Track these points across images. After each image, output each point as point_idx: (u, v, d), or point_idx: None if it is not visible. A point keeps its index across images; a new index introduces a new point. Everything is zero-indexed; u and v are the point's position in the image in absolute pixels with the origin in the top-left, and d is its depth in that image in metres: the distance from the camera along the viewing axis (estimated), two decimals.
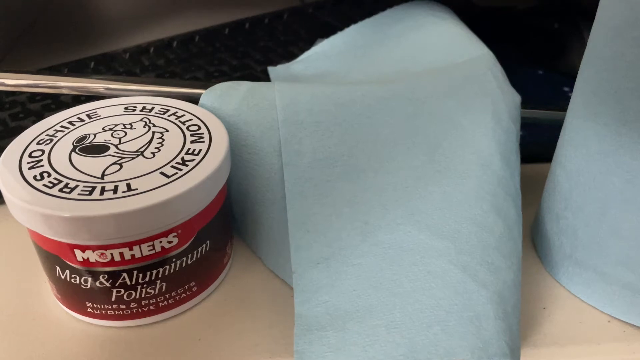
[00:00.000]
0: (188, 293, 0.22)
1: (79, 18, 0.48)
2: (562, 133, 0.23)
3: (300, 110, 0.24)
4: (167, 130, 0.22)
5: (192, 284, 0.22)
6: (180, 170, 0.20)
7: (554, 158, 0.24)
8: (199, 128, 0.22)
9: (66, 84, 0.26)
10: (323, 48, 0.34)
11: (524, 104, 0.29)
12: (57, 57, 0.40)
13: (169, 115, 0.23)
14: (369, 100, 0.25)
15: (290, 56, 0.38)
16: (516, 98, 0.26)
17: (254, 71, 0.36)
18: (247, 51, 0.39)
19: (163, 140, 0.22)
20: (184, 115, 0.23)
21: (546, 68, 0.41)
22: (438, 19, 0.32)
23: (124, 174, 0.20)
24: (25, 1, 0.46)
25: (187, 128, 0.22)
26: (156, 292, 0.21)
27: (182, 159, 0.21)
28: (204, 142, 0.22)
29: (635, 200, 0.20)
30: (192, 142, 0.22)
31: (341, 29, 0.37)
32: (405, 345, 0.18)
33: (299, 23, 0.43)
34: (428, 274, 0.20)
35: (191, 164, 0.20)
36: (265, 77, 0.35)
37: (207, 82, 0.26)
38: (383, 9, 0.36)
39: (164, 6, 0.48)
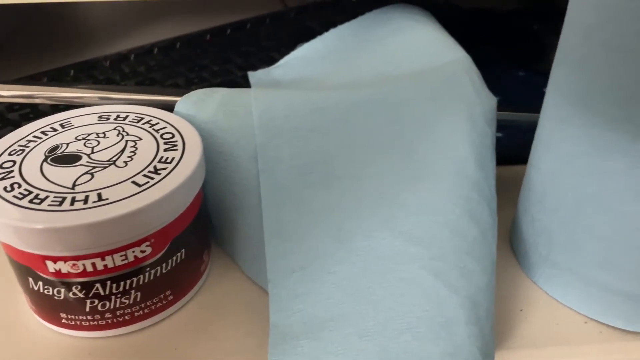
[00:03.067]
0: (164, 302, 0.22)
1: (59, 26, 0.47)
2: (535, 135, 0.23)
3: (277, 116, 0.24)
4: (141, 139, 0.22)
5: (168, 292, 0.22)
6: (152, 179, 0.20)
7: (529, 160, 0.24)
8: (173, 136, 0.22)
9: (40, 94, 0.26)
10: (303, 52, 0.34)
11: (504, 106, 0.29)
12: (37, 65, 0.40)
13: (143, 124, 0.23)
14: (346, 105, 0.25)
15: (271, 61, 0.38)
16: (492, 101, 0.26)
17: (235, 77, 0.36)
18: (228, 57, 0.39)
19: (136, 149, 0.22)
20: (158, 123, 0.23)
21: (526, 69, 0.41)
22: (416, 22, 0.32)
23: (95, 183, 0.20)
24: (5, 10, 0.46)
25: (161, 136, 0.22)
26: (131, 301, 0.21)
27: (155, 167, 0.20)
28: (177, 150, 0.21)
29: (608, 201, 0.20)
30: (165, 150, 0.21)
31: (323, 33, 0.37)
32: (377, 353, 0.18)
33: (281, 28, 0.43)
34: (401, 280, 0.20)
35: (163, 173, 0.20)
36: (246, 82, 0.35)
37: (183, 89, 0.25)
38: (366, 13, 0.36)
39: (146, 13, 0.48)
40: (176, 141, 0.22)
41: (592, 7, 0.18)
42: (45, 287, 0.20)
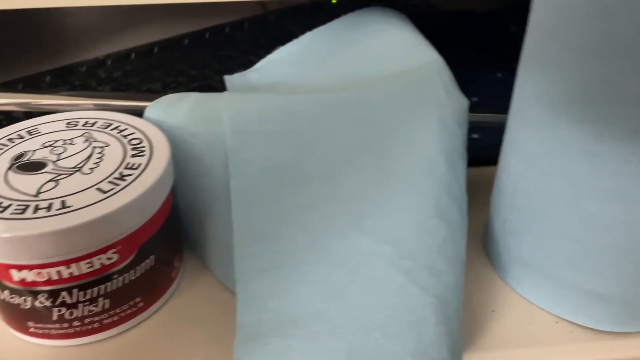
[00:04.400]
0: (134, 309, 0.22)
1: (35, 32, 0.47)
2: (504, 137, 0.23)
3: (248, 120, 0.24)
4: (108, 145, 0.22)
5: (138, 299, 0.22)
6: (118, 185, 0.20)
7: (498, 162, 0.24)
8: (141, 142, 0.22)
9: (10, 101, 0.25)
10: (279, 56, 0.34)
11: (481, 107, 0.29)
12: (13, 72, 0.40)
13: (111, 130, 0.23)
14: (319, 108, 0.25)
15: (249, 65, 0.38)
16: (463, 103, 0.26)
17: (212, 81, 0.36)
18: (206, 61, 0.39)
19: (103, 155, 0.21)
20: (126, 129, 0.23)
21: (504, 70, 0.41)
22: (391, 25, 0.32)
23: (59, 191, 0.20)
24: None
25: (129, 142, 0.22)
26: (99, 309, 0.21)
27: (120, 174, 0.20)
28: (144, 156, 0.21)
29: (574, 202, 0.20)
30: (132, 156, 0.21)
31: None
32: (346, 351, 0.18)
33: (260, 31, 0.43)
34: (371, 279, 0.20)
35: (129, 179, 0.20)
36: (223, 87, 0.35)
37: (155, 94, 0.25)
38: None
39: (125, 18, 0.48)
40: (144, 147, 0.22)
41: (554, 8, 0.19)
42: (12, 295, 0.20)
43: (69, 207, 0.19)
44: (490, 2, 0.46)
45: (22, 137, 0.23)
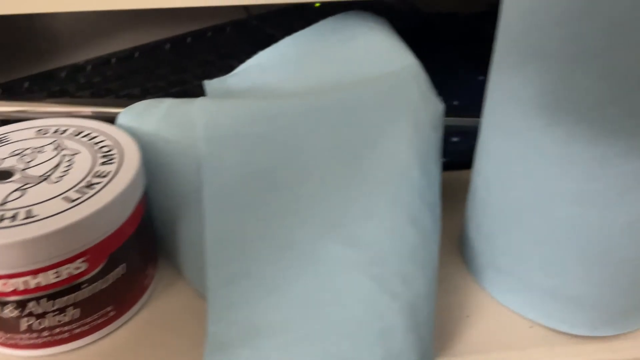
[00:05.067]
0: (105, 318, 0.22)
1: (14, 37, 0.47)
2: (477, 141, 0.23)
3: (222, 126, 0.24)
4: (78, 153, 0.22)
5: (109, 308, 0.22)
6: (85, 194, 0.20)
7: (473, 166, 0.24)
8: (111, 149, 0.22)
9: None
10: (258, 60, 0.34)
11: (462, 111, 0.29)
12: None
13: (81, 137, 0.23)
14: (293, 114, 0.25)
15: (231, 70, 0.37)
16: (439, 107, 0.26)
17: (192, 86, 0.36)
18: (187, 66, 0.38)
19: (72, 163, 0.21)
20: (97, 136, 0.23)
21: (486, 74, 0.41)
22: (369, 29, 0.32)
23: (26, 200, 0.19)
24: None
25: (99, 150, 0.22)
26: (69, 319, 0.21)
27: (88, 182, 0.20)
28: (113, 163, 0.21)
29: (545, 206, 0.20)
30: (101, 164, 0.21)
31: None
32: (317, 359, 0.18)
33: (242, 36, 0.43)
34: (341, 286, 0.20)
35: (97, 187, 0.20)
36: (203, 92, 0.35)
37: (128, 100, 0.25)
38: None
39: (107, 23, 0.47)
40: (114, 155, 0.22)
41: (521, 13, 0.19)
42: None
43: (35, 216, 0.19)
44: (473, 4, 0.46)
45: None
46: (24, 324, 0.20)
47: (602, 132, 0.17)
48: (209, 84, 0.34)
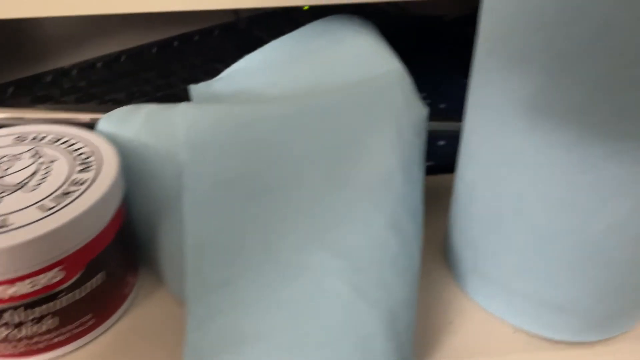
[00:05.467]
0: (84, 327, 0.21)
1: (1, 42, 0.46)
2: (459, 146, 0.23)
3: (204, 132, 0.23)
4: (55, 160, 0.22)
5: (88, 317, 0.21)
6: (62, 202, 0.19)
7: (455, 171, 0.24)
8: (90, 156, 0.22)
9: None
10: (244, 64, 0.34)
11: (447, 113, 0.29)
12: None
13: (60, 144, 0.23)
14: (276, 119, 0.25)
15: (217, 73, 0.37)
16: (423, 112, 0.26)
17: (177, 90, 0.35)
18: (174, 70, 0.38)
19: (49, 171, 0.21)
20: (76, 143, 0.23)
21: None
22: (355, 33, 0.32)
23: (1, 209, 0.19)
24: None
25: (77, 157, 0.22)
26: (47, 328, 0.20)
27: (65, 190, 0.20)
28: (91, 171, 0.21)
29: (524, 212, 0.20)
30: (79, 171, 0.21)
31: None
32: None
33: (231, 39, 0.43)
34: (321, 294, 0.20)
35: (74, 195, 0.20)
36: (189, 96, 0.35)
37: (110, 105, 0.25)
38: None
39: (94, 26, 0.47)
40: (92, 162, 0.22)
41: (498, 18, 0.18)
42: None
43: (10, 225, 0.18)
44: (461, 7, 0.46)
45: None
46: (1, 333, 0.20)
47: (582, 137, 0.17)
48: (195, 88, 0.34)
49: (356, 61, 0.29)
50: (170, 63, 0.39)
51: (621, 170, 0.17)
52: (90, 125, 0.25)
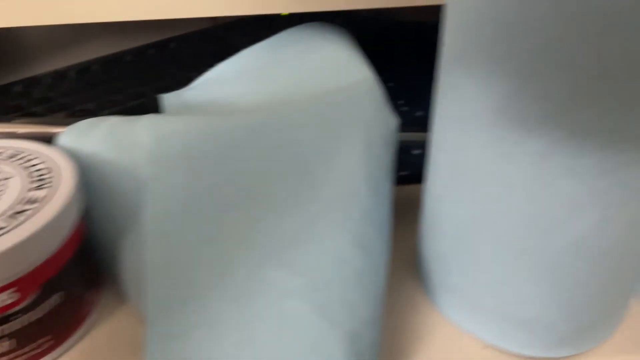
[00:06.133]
0: (43, 348, 0.21)
1: None
2: (426, 159, 0.23)
3: (168, 145, 0.23)
4: (10, 178, 0.21)
5: (47, 338, 0.21)
6: (13, 222, 0.19)
7: (423, 183, 0.24)
8: (47, 173, 0.21)
9: None
10: (216, 73, 0.33)
11: (424, 121, 0.29)
12: None
13: (17, 160, 0.22)
14: (242, 132, 0.24)
15: (190, 82, 0.37)
16: (392, 122, 0.25)
17: (150, 99, 0.35)
18: (148, 79, 0.38)
19: (5, 189, 0.20)
20: (34, 159, 0.22)
21: None
22: (327, 42, 0.32)
23: None
24: None
25: (33, 173, 0.21)
26: (4, 350, 0.20)
27: (18, 209, 0.19)
28: (47, 188, 0.20)
29: (491, 226, 0.19)
30: (34, 189, 0.20)
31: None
32: None
33: (207, 46, 0.42)
34: (282, 314, 0.19)
35: (26, 215, 0.19)
36: (160, 106, 0.34)
37: (73, 119, 0.24)
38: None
39: (65, 34, 0.46)
40: (49, 178, 0.21)
41: (459, 33, 0.18)
42: None
43: None
44: (443, 13, 0.46)
45: None
46: None
47: (541, 153, 0.17)
48: (166, 98, 0.33)
49: (328, 70, 0.29)
50: (145, 72, 0.39)
51: (582, 186, 0.17)
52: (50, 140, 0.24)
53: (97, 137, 0.23)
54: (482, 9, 0.17)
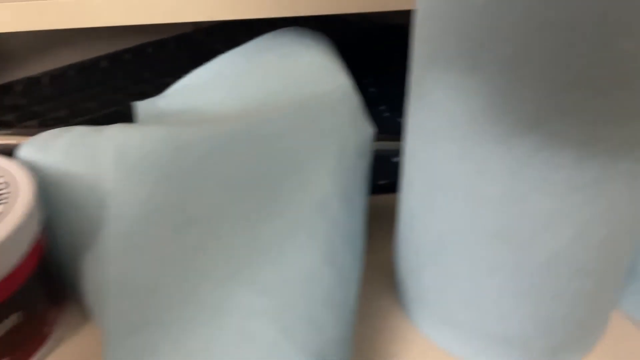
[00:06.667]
0: None
1: None
2: (400, 169, 0.22)
3: (132, 157, 0.22)
4: None
5: None
6: None
7: (397, 195, 0.23)
8: (4, 187, 0.20)
9: None
10: (191, 80, 0.33)
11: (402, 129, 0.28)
12: None
13: None
14: (210, 143, 0.23)
15: (167, 88, 0.36)
16: (368, 131, 0.25)
17: (124, 107, 0.34)
18: (123, 85, 0.37)
19: None
20: None
21: None
22: (305, 47, 0.31)
23: None
24: None
25: None
26: None
27: None
28: (4, 204, 0.20)
29: (463, 242, 0.19)
30: None
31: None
32: None
33: (186, 51, 0.41)
34: (246, 335, 0.18)
35: None
36: (134, 113, 0.33)
37: (32, 130, 0.23)
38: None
39: (39, 40, 0.46)
40: (6, 193, 0.20)
41: (418, 45, 0.17)
42: None
43: None
44: None
45: None
46: None
47: (511, 168, 0.16)
48: (140, 106, 0.32)
49: (303, 77, 0.28)
50: (121, 78, 0.38)
51: (555, 201, 0.16)
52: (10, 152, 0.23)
53: (58, 149, 0.22)
54: (445, 20, 0.16)
